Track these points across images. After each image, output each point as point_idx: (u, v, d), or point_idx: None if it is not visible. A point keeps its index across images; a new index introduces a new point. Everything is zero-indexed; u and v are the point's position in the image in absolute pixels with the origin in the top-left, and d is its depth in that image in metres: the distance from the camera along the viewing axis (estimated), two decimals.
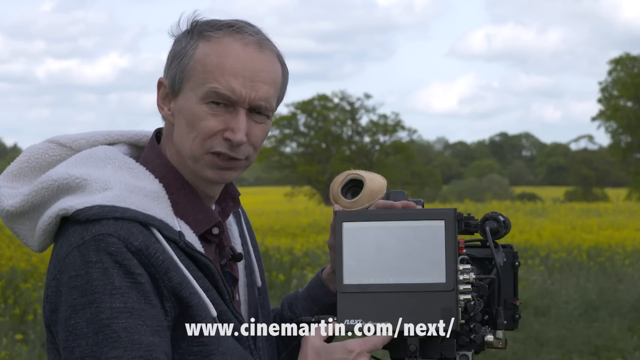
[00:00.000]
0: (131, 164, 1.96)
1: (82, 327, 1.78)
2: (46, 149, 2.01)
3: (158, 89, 2.01)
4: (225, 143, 1.92)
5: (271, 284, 13.52)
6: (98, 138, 2.04)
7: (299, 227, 23.56)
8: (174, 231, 1.89)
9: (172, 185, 1.96)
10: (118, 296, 1.78)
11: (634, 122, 55.79)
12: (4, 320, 10.37)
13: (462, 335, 1.97)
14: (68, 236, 1.84)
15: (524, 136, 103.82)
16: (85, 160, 1.95)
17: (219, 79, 1.91)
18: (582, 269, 15.41)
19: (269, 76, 1.95)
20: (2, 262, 13.36)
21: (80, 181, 1.88)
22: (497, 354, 9.43)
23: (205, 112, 1.91)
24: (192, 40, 1.95)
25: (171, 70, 1.96)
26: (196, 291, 1.87)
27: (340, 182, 2.11)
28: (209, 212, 1.98)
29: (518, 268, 2.11)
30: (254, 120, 1.95)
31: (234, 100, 1.91)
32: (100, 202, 1.83)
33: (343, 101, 57.79)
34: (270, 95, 1.95)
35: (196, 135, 1.92)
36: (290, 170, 56.29)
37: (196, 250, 1.90)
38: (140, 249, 1.81)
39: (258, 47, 1.95)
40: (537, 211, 30.24)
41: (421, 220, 1.93)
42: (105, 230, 1.81)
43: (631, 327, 11.35)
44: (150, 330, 1.79)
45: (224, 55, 1.92)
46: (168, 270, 1.84)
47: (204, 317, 1.87)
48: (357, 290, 1.92)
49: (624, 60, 58.28)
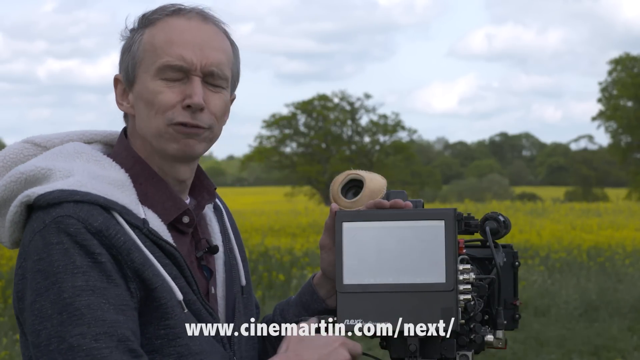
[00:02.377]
0: (98, 156, 1.98)
1: (47, 309, 1.78)
2: (21, 148, 2.04)
3: (115, 87, 2.04)
4: (185, 112, 1.94)
5: (271, 284, 13.52)
6: (72, 137, 2.06)
7: (299, 227, 23.56)
8: (137, 218, 1.89)
9: (140, 175, 1.97)
10: (80, 275, 1.79)
11: (634, 122, 55.76)
12: (4, 320, 10.37)
13: (462, 335, 1.97)
14: (32, 223, 1.86)
15: (524, 136, 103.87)
16: (55, 155, 1.98)
17: (169, 51, 1.94)
18: (582, 269, 15.40)
19: (218, 44, 1.99)
20: (2, 262, 13.37)
21: (46, 171, 1.91)
22: (497, 354, 9.43)
23: (161, 86, 1.94)
24: (138, 30, 2.00)
25: (123, 63, 2.00)
26: (159, 273, 1.87)
27: (340, 182, 2.11)
28: (177, 200, 1.99)
29: (518, 268, 2.11)
30: (209, 90, 1.97)
31: (187, 68, 1.94)
32: (60, 187, 1.86)
33: (343, 101, 57.77)
34: (222, 62, 1.98)
35: (156, 110, 1.94)
36: (290, 170, 56.26)
37: (161, 238, 1.91)
38: (100, 229, 1.82)
39: (202, 18, 1.99)
40: (537, 211, 30.24)
41: (421, 220, 1.93)
42: (64, 212, 1.82)
43: (631, 327, 11.34)
44: (114, 308, 1.79)
45: (170, 31, 1.96)
46: (130, 251, 1.84)
47: (168, 300, 1.87)
48: (357, 290, 1.92)
49: (624, 60, 58.24)
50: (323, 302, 2.12)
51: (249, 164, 61.53)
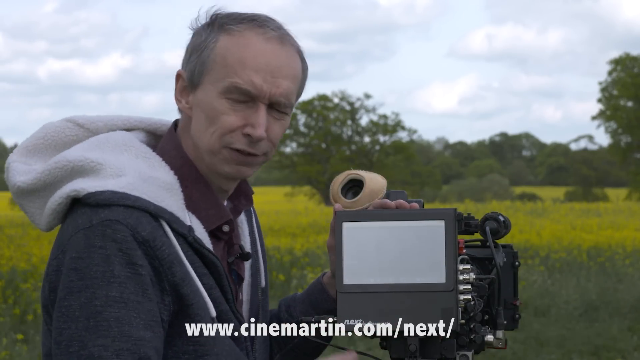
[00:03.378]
0: (148, 153, 1.93)
1: (74, 310, 1.76)
2: (63, 127, 1.98)
3: (176, 81, 1.98)
4: (244, 139, 1.91)
5: (271, 284, 13.52)
6: (117, 122, 2.01)
7: (299, 227, 23.55)
8: (183, 225, 1.86)
9: (187, 178, 1.94)
10: (115, 285, 1.76)
11: (634, 122, 55.78)
12: (4, 320, 10.37)
13: (462, 335, 1.96)
14: (76, 218, 1.82)
15: (524, 136, 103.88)
16: (102, 144, 1.92)
17: (240, 73, 1.89)
18: (582, 269, 15.40)
19: (290, 72, 1.93)
20: (2, 262, 13.35)
21: (95, 165, 1.86)
22: (497, 354, 9.43)
23: (226, 107, 1.89)
24: (212, 33, 1.92)
25: (190, 63, 1.94)
26: (197, 289, 1.85)
27: (341, 182, 2.10)
28: (221, 208, 1.96)
29: (518, 268, 2.11)
30: (273, 117, 1.93)
31: (255, 95, 1.89)
32: (112, 187, 1.81)
33: (343, 101, 57.80)
34: (290, 92, 1.94)
35: (215, 130, 1.90)
36: (290, 170, 56.28)
37: (204, 247, 1.88)
38: (147, 239, 1.79)
39: (280, 41, 1.92)
40: (537, 211, 30.24)
41: (421, 220, 1.93)
42: (114, 217, 1.78)
43: (631, 327, 11.34)
44: (143, 324, 1.77)
45: (245, 49, 1.89)
46: (172, 264, 1.81)
47: (202, 317, 1.85)
48: (357, 290, 1.92)
49: (624, 60, 58.26)
50: (333, 302, 2.09)
51: None
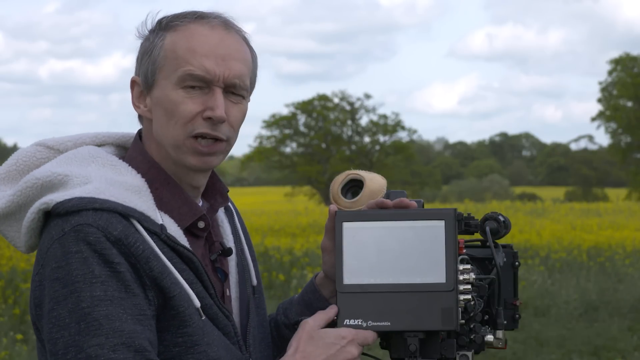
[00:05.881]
0: (114, 161, 1.97)
1: (64, 318, 1.78)
2: (34, 152, 2.02)
3: (132, 88, 2.02)
4: (206, 123, 1.93)
5: (271, 284, 13.52)
6: (85, 140, 2.05)
7: (299, 227, 23.57)
8: (155, 224, 1.89)
9: (156, 180, 1.97)
10: (98, 285, 1.78)
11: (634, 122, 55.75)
12: (4, 320, 10.37)
13: (462, 335, 1.97)
14: (50, 230, 1.85)
15: (524, 136, 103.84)
16: (69, 159, 1.97)
17: (192, 61, 1.93)
18: (582, 269, 15.40)
19: (240, 55, 1.97)
20: (2, 262, 13.36)
21: (63, 177, 1.90)
22: (497, 354, 9.43)
23: (182, 96, 1.93)
24: (159, 34, 1.97)
25: (142, 66, 1.98)
26: (178, 281, 1.87)
27: (340, 182, 2.11)
28: (192, 205, 1.99)
29: (518, 268, 2.11)
30: (230, 101, 1.96)
31: (209, 79, 1.93)
32: (79, 194, 1.85)
33: (343, 101, 57.77)
34: (243, 73, 1.97)
35: (176, 121, 1.93)
36: (290, 171, 56.25)
37: (178, 243, 1.90)
38: (119, 238, 1.82)
39: (225, 28, 1.97)
40: (537, 211, 30.26)
41: (421, 220, 1.93)
42: (83, 221, 1.81)
43: (631, 327, 11.35)
44: (132, 319, 1.79)
45: (192, 39, 1.94)
46: (149, 259, 1.84)
47: (186, 308, 1.87)
48: (357, 290, 1.92)
49: (624, 60, 58.24)
50: (326, 302, 2.11)
51: (249, 164, 61.51)
